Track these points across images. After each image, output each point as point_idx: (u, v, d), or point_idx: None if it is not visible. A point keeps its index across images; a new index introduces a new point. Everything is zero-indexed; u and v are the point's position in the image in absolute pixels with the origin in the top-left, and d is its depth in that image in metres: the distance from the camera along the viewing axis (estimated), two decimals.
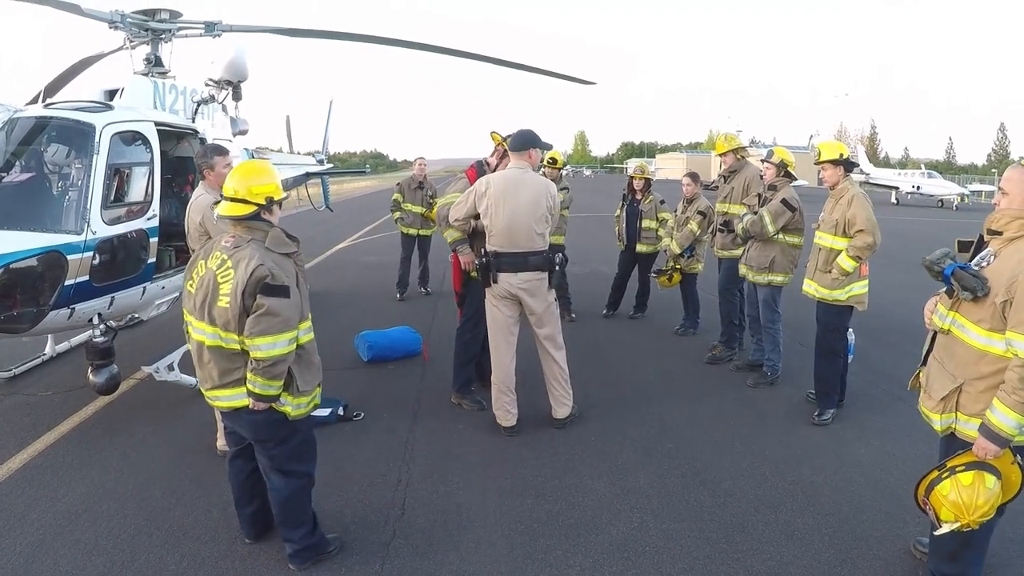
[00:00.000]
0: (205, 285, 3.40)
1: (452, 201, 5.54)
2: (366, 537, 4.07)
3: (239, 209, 3.44)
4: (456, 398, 6.10)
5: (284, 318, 3.29)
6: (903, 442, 5.34)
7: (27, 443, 5.35)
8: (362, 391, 6.56)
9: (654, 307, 9.49)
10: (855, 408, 6.00)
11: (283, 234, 3.55)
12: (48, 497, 4.52)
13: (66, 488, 4.65)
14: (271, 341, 3.26)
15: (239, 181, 3.47)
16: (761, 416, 5.93)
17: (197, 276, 3.49)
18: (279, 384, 3.39)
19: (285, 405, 3.48)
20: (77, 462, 5.05)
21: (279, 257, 3.45)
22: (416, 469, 4.98)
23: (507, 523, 4.23)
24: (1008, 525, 3.84)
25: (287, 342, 3.33)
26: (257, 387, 3.33)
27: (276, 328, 3.27)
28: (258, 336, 3.25)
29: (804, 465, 4.99)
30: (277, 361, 3.30)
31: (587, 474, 4.86)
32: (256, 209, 3.46)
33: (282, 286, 3.32)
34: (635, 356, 7.68)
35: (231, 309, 3.30)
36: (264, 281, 3.28)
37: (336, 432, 5.60)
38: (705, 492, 4.61)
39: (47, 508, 4.36)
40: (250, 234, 3.47)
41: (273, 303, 3.27)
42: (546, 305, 5.38)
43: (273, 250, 3.44)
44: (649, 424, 5.75)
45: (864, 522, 4.22)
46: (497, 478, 4.82)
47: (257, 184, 3.47)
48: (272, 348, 3.27)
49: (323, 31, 8.57)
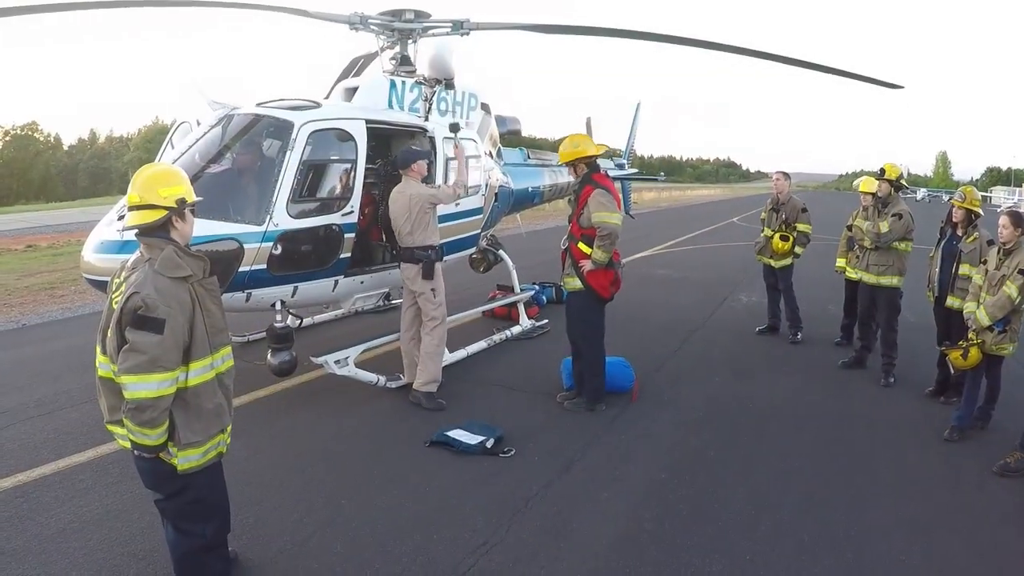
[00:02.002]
0: (106, 309, 3.10)
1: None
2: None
3: (144, 217, 3.03)
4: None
5: (150, 357, 2.82)
6: None
7: None
8: (536, 423, 5.94)
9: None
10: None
11: (176, 254, 3.04)
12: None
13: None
14: (136, 381, 2.83)
15: (142, 185, 3.05)
16: None
17: (110, 295, 3.19)
18: (154, 433, 2.92)
19: (173, 457, 3.02)
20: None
21: (169, 283, 2.96)
22: (515, 536, 4.20)
23: None
24: None
25: (158, 384, 2.86)
26: (130, 432, 2.92)
27: (142, 368, 2.82)
28: (124, 374, 2.85)
29: None
30: (143, 405, 2.85)
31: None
32: (166, 215, 3.02)
33: (154, 319, 2.84)
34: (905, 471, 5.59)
35: (111, 340, 2.96)
36: (136, 312, 2.85)
37: (470, 464, 5.12)
38: None
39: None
40: (149, 252, 3.03)
41: (138, 339, 2.83)
42: (421, 292, 6.19)
43: (163, 274, 2.95)
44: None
45: None
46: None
47: (165, 187, 3.03)
48: (137, 389, 2.83)
49: (579, 27, 7.96)
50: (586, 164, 6.01)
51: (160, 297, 2.91)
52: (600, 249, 5.76)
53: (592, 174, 5.97)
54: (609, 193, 5.83)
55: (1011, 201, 50.34)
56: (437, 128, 7.29)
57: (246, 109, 5.98)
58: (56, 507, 4.42)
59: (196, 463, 3.12)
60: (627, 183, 16.63)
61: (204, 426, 3.10)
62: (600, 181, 5.93)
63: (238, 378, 6.32)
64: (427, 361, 6.21)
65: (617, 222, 5.76)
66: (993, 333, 5.53)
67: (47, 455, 5.15)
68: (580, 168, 6.02)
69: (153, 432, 2.94)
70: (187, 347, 3.01)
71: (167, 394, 2.93)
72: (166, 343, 2.89)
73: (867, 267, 7.38)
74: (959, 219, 6.45)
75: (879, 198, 7.32)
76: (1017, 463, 5.13)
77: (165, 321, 2.89)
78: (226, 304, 5.50)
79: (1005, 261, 5.55)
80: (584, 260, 5.89)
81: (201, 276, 3.11)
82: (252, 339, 7.93)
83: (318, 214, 6.01)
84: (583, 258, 5.89)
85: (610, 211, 5.74)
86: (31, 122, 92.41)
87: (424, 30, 7.58)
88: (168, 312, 2.91)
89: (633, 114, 16.27)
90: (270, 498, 4.58)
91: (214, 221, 5.32)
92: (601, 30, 8.09)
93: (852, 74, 8.18)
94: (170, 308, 2.92)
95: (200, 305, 3.08)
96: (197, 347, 3.05)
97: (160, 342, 2.87)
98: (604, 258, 5.80)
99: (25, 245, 19.00)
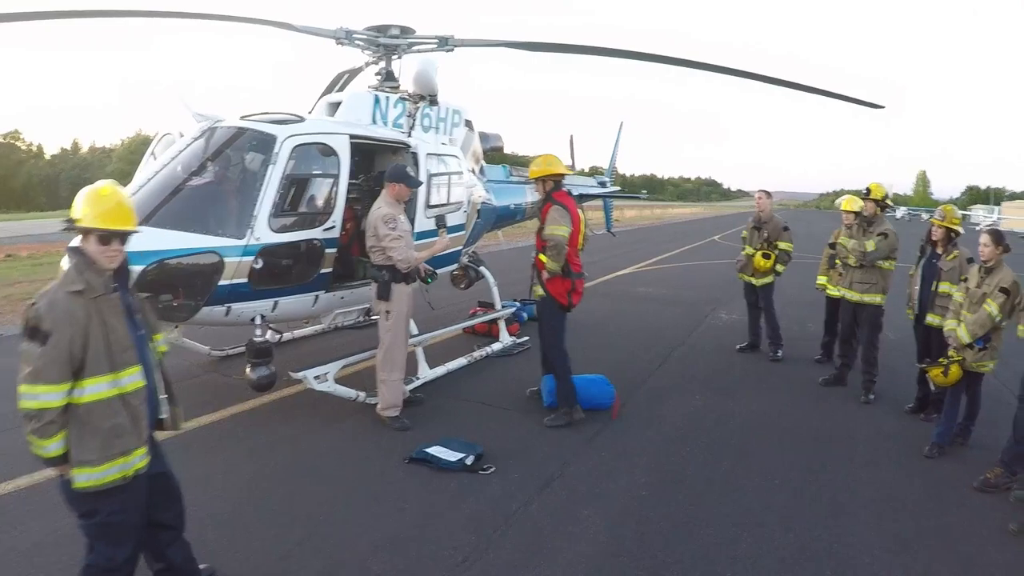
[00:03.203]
0: None
1: None
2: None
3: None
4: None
5: (34, 369, 2.83)
6: None
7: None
8: (516, 440, 5.90)
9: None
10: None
11: (78, 268, 2.98)
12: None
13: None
14: (24, 391, 2.86)
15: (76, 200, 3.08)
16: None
17: None
18: (45, 444, 2.90)
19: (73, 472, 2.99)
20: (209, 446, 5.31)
21: (65, 296, 2.92)
22: (495, 553, 4.15)
23: None
24: None
25: (44, 395, 2.85)
26: (28, 442, 2.94)
27: (28, 378, 2.84)
28: (19, 383, 2.87)
29: None
30: (29, 415, 2.87)
31: None
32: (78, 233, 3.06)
33: (40, 331, 2.84)
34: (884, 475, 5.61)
35: None
36: (27, 322, 2.88)
37: (449, 481, 5.07)
38: None
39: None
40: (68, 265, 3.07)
41: (26, 349, 2.86)
42: (376, 311, 6.16)
43: (61, 287, 2.95)
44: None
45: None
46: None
47: (81, 205, 3.03)
48: (25, 399, 2.86)
49: (562, 45, 8.01)
50: (553, 181, 6.40)
51: (49, 309, 2.88)
52: (550, 258, 6.19)
53: (553, 192, 6.37)
54: (565, 209, 6.25)
55: (990, 220, 51.16)
56: (420, 144, 7.29)
57: (229, 122, 5.94)
58: (30, 521, 4.33)
59: (93, 483, 3.00)
60: (609, 201, 16.76)
61: (99, 445, 2.99)
62: (559, 199, 6.33)
63: (216, 392, 6.40)
64: (382, 387, 6.11)
65: (563, 234, 6.13)
66: (974, 350, 5.59)
67: (23, 467, 5.00)
68: (548, 184, 6.39)
69: (44, 443, 2.90)
70: (81, 362, 2.94)
71: (50, 407, 2.88)
72: (48, 356, 2.85)
73: (851, 285, 7.45)
74: (939, 237, 6.53)
75: (864, 217, 7.40)
76: (997, 479, 5.17)
77: (49, 334, 2.85)
78: (205, 318, 5.53)
79: (986, 279, 5.62)
80: (543, 269, 6.36)
81: (102, 292, 3.01)
82: (231, 353, 7.83)
83: (300, 228, 5.97)
84: (543, 268, 6.34)
85: (559, 224, 6.16)
86: (13, 130, 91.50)
87: (409, 46, 7.60)
88: (53, 325, 2.86)
89: (616, 134, 16.41)
90: (248, 513, 4.50)
91: (195, 234, 5.27)
92: (584, 48, 8.18)
93: (834, 94, 8.29)
94: (56, 321, 2.87)
95: (99, 321, 2.99)
96: (92, 363, 2.96)
97: (42, 354, 2.85)
98: (554, 266, 6.20)
99: (4, 255, 18.69)
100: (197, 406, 6.23)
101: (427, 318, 8.25)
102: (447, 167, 7.69)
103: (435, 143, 7.62)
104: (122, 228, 3.05)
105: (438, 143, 7.71)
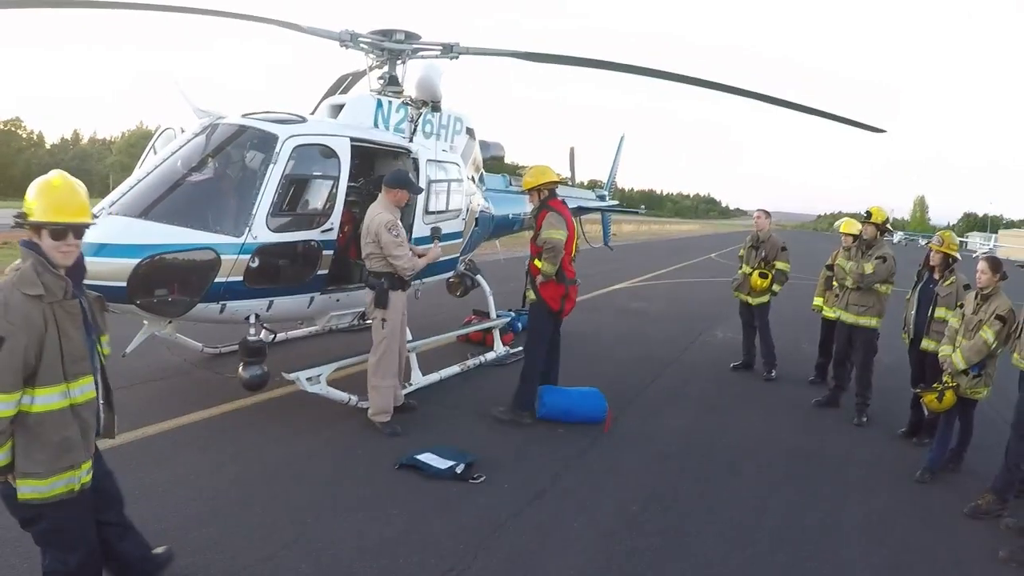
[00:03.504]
0: None
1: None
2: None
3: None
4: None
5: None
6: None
7: (174, 415, 5.93)
8: (508, 450, 5.85)
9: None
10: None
11: (36, 269, 2.79)
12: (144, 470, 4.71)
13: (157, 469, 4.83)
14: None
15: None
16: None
17: None
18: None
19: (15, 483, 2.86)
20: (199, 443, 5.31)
21: (22, 299, 2.74)
22: (482, 563, 4.10)
23: None
24: None
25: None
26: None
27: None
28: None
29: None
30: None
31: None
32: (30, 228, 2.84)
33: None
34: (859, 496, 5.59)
35: None
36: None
37: (439, 488, 5.03)
38: None
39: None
40: (21, 261, 2.86)
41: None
42: (372, 318, 6.05)
43: (18, 288, 2.76)
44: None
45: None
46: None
47: (31, 198, 2.83)
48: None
49: (566, 57, 8.03)
50: (548, 190, 6.52)
51: (4, 312, 2.71)
52: (545, 261, 6.28)
53: (549, 200, 6.51)
54: (561, 216, 6.41)
55: (987, 247, 51.42)
56: (421, 150, 7.28)
57: (231, 119, 5.92)
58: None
59: (39, 495, 2.86)
60: (607, 215, 16.74)
61: (47, 458, 2.85)
62: (555, 206, 6.47)
63: (207, 389, 6.35)
64: (373, 393, 6.04)
65: (560, 237, 6.26)
66: (968, 377, 5.58)
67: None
68: (542, 193, 6.53)
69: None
70: (34, 370, 2.79)
71: (1, 416, 2.73)
72: (1, 362, 2.69)
73: (847, 306, 7.45)
74: (936, 263, 6.54)
75: (864, 240, 7.41)
76: (988, 506, 5.15)
77: (3, 339, 2.69)
78: (200, 315, 5.49)
79: (983, 306, 5.62)
80: (538, 274, 6.44)
81: (61, 297, 2.85)
82: (223, 351, 7.78)
83: (298, 229, 5.95)
84: (537, 273, 6.43)
85: (556, 228, 6.29)
86: (15, 118, 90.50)
87: (414, 51, 7.60)
88: (8, 330, 2.70)
89: (617, 147, 16.40)
90: (235, 513, 4.45)
91: (192, 230, 5.24)
92: (588, 61, 8.20)
93: (836, 116, 8.32)
94: (12, 325, 2.71)
95: (55, 328, 2.83)
96: (45, 372, 2.81)
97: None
98: (549, 269, 6.30)
99: (2, 241, 18.25)
100: (188, 403, 6.21)
101: (422, 325, 8.21)
102: (447, 174, 7.68)
103: (436, 149, 7.61)
104: (76, 221, 2.85)
105: (439, 150, 7.70)
